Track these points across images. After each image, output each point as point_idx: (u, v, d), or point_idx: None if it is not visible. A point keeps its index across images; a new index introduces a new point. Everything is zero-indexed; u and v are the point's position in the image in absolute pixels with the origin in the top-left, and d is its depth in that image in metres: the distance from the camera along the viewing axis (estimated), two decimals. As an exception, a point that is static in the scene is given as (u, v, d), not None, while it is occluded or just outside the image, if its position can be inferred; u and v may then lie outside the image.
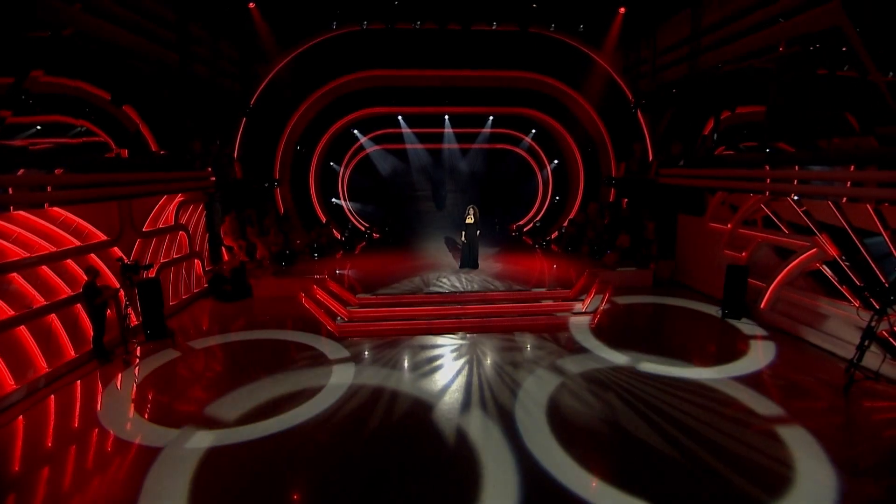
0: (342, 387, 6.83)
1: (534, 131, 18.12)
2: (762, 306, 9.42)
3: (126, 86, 10.32)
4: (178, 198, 10.75)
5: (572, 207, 16.98)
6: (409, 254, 14.25)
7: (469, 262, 11.97)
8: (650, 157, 14.11)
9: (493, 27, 13.83)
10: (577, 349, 8.19)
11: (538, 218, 18.67)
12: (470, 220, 11.70)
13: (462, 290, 10.22)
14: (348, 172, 19.18)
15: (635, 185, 14.40)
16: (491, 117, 17.69)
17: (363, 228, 17.99)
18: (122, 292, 8.16)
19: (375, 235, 17.90)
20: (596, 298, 10.46)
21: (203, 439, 5.57)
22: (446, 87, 15.64)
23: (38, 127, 11.53)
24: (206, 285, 11.62)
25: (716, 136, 11.36)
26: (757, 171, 8.91)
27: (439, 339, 8.71)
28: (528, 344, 8.48)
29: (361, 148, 18.70)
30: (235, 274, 11.45)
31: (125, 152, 10.82)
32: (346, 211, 18.70)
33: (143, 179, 9.03)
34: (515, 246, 15.71)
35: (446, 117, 17.62)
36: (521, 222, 18.85)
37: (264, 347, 8.44)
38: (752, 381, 6.98)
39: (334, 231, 16.18)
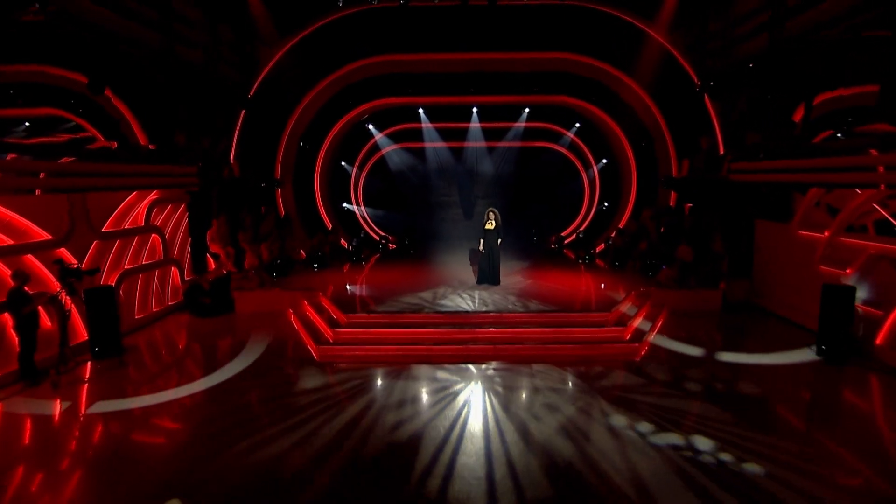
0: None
1: (577, 125, 16.95)
2: (878, 342, 7.63)
3: (107, 71, 10.03)
4: (152, 195, 10.28)
5: (623, 215, 15.65)
6: (426, 267, 13.50)
7: (488, 276, 10.86)
8: (720, 152, 12.53)
9: (524, 0, 12.83)
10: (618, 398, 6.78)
11: (582, 228, 17.46)
12: (490, 225, 10.70)
13: (473, 309, 9.15)
14: (364, 175, 18.63)
15: (701, 187, 12.82)
16: (527, 109, 16.67)
17: (377, 238, 17.26)
18: (65, 300, 7.56)
19: (391, 246, 17.18)
20: (644, 325, 9.06)
21: None
22: (471, 72, 14.76)
23: (27, 123, 11.57)
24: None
25: (809, 120, 9.72)
26: (863, 158, 7.28)
27: (439, 372, 7.54)
28: (547, 386, 7.13)
29: (377, 147, 18.14)
30: (217, 285, 10.84)
31: (114, 144, 10.62)
32: (359, 218, 18.14)
33: (99, 172, 8.55)
34: (552, 260, 14.65)
35: (474, 110, 16.74)
36: (563, 233, 17.68)
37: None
38: (878, 457, 5.32)
39: (341, 240, 15.49)
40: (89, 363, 7.96)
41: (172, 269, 10.93)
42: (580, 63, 14.11)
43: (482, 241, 10.75)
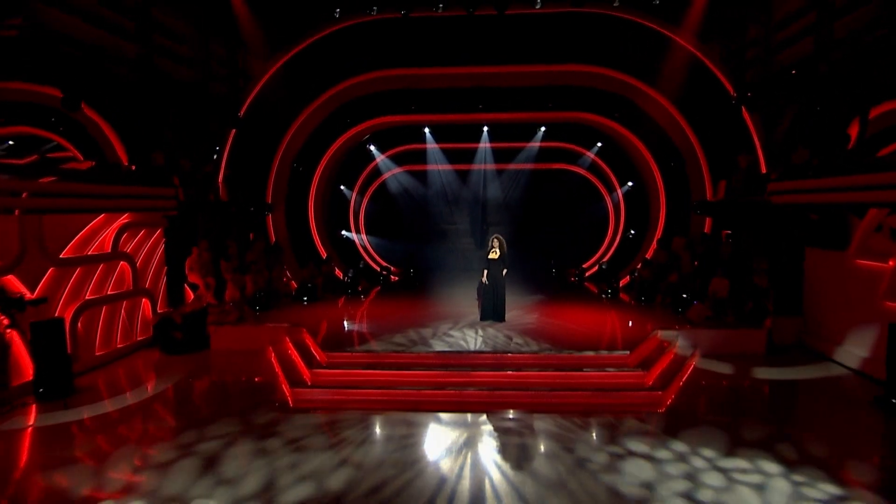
0: None
1: (599, 144, 16.56)
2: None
3: (86, 87, 10.09)
4: (123, 218, 10.09)
5: (651, 243, 14.99)
6: (428, 301, 13.08)
7: (493, 312, 10.27)
8: (762, 171, 11.88)
9: (537, 8, 12.60)
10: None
11: (606, 258, 16.88)
12: (494, 254, 10.19)
13: (471, 349, 8.62)
14: (365, 200, 18.49)
15: (740, 211, 12.19)
16: (542, 128, 16.38)
17: (378, 268, 16.93)
18: (5, 333, 7.26)
19: (393, 278, 16.82)
20: (670, 369, 8.33)
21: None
22: (480, 88, 14.57)
23: (11, 142, 11.72)
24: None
25: (865, 132, 9.08)
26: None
27: (423, 422, 6.92)
28: (546, 440, 6.43)
29: (379, 171, 18.01)
30: (190, 319, 10.50)
31: (91, 163, 10.62)
32: (359, 247, 17.90)
33: (61, 192, 8.39)
34: (571, 294, 14.07)
35: (485, 129, 16.52)
36: (585, 264, 17.06)
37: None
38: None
39: (336, 270, 15.15)
40: (33, 406, 7.58)
41: (143, 300, 10.63)
42: (600, 76, 13.79)
43: (485, 272, 10.21)
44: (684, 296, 10.66)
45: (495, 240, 10.24)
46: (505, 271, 10.19)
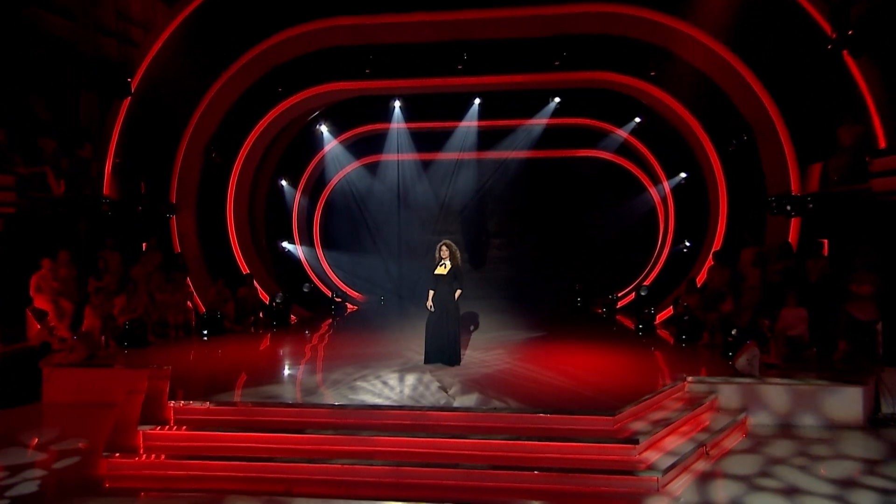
0: None
1: (637, 120, 16.04)
2: None
3: None
4: None
5: (707, 259, 14.16)
6: (382, 338, 12.84)
7: (441, 351, 9.37)
8: (881, 146, 10.64)
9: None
10: None
11: (648, 281, 16.33)
12: (442, 268, 9.39)
13: (383, 403, 7.89)
14: (321, 203, 18.50)
15: (843, 207, 11.40)
16: (556, 98, 15.92)
17: (330, 294, 16.62)
18: None
19: (350, 306, 16.51)
20: (687, 444, 7.24)
21: None
22: (462, 42, 13.90)
23: None
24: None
25: None
26: None
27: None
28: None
29: (336, 164, 18.01)
30: (13, 360, 9.88)
31: None
32: (306, 265, 17.72)
33: None
34: (591, 329, 13.94)
35: (476, 102, 16.10)
36: (621, 292, 16.71)
37: None
38: None
39: (261, 292, 14.57)
40: None
41: (-54, 332, 9.99)
42: (627, 18, 12.82)
43: (431, 293, 9.41)
44: (734, 332, 9.73)
45: (444, 247, 9.42)
46: (458, 292, 9.29)
